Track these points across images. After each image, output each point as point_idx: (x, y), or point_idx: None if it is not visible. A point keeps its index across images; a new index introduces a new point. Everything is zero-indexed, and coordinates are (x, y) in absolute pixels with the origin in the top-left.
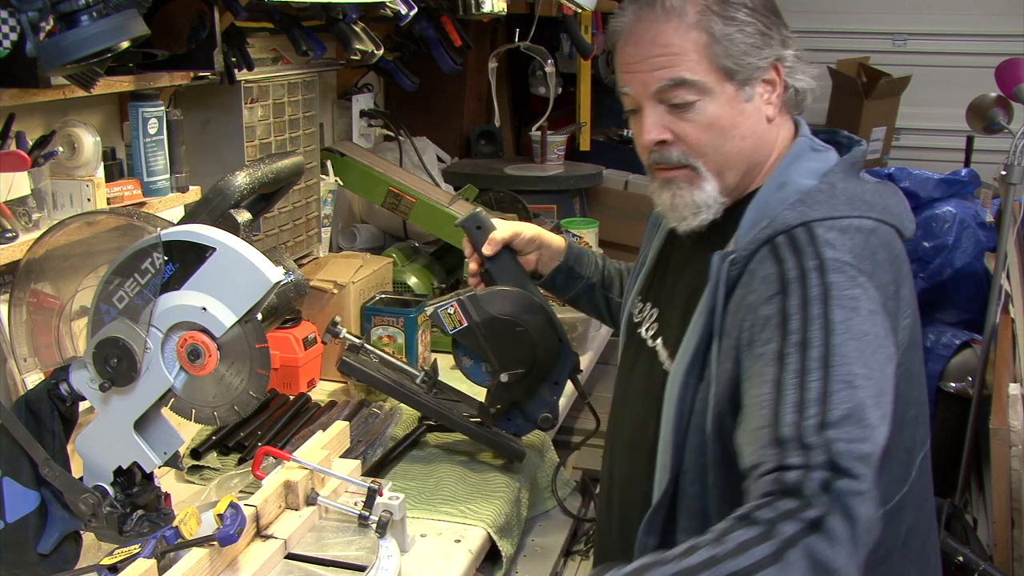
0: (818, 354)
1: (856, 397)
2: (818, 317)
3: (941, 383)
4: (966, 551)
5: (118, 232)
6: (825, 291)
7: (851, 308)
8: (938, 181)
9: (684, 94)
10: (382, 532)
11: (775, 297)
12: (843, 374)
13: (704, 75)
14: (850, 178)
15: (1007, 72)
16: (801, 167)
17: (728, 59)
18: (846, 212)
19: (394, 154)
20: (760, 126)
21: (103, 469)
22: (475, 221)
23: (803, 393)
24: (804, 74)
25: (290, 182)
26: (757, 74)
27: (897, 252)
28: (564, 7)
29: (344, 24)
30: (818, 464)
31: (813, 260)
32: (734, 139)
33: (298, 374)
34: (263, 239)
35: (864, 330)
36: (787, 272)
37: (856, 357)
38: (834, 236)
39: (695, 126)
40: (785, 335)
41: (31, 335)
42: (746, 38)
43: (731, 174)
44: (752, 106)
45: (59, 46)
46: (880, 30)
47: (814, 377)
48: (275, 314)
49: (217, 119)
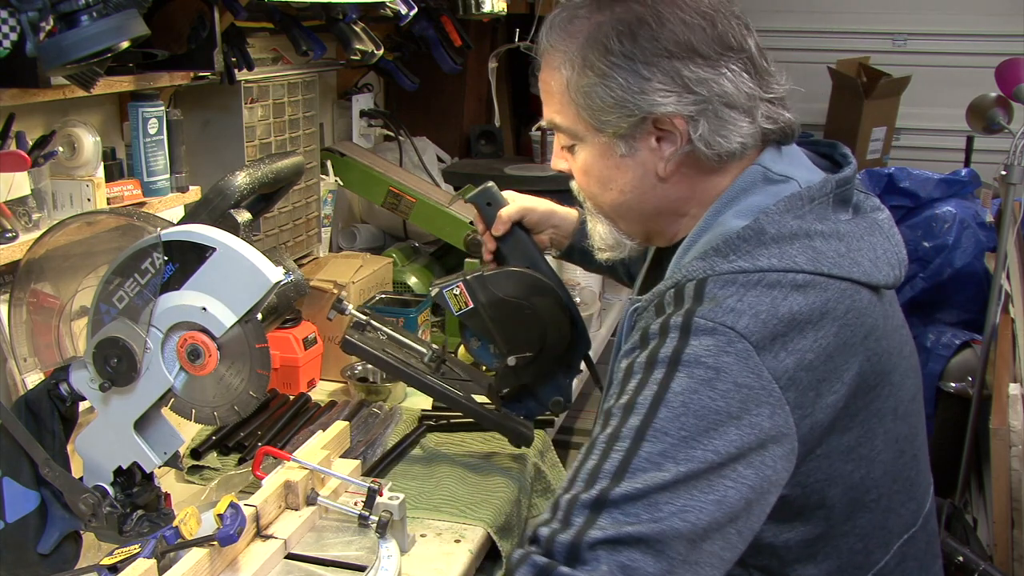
0: (636, 423)
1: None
2: (655, 383)
3: (941, 383)
4: (966, 551)
5: (118, 232)
6: (677, 353)
7: (702, 380)
8: (938, 181)
9: (561, 137)
10: (382, 532)
11: (633, 351)
12: (654, 452)
13: (572, 123)
14: (798, 217)
15: (1007, 72)
16: (741, 204)
17: (587, 112)
18: (765, 265)
19: (394, 154)
20: (646, 183)
21: (103, 469)
22: (485, 196)
23: (602, 462)
24: (726, 129)
25: (290, 182)
26: (627, 132)
27: (840, 312)
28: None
29: (344, 24)
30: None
31: (680, 317)
32: (611, 191)
33: (298, 374)
34: (263, 239)
35: (714, 408)
36: (652, 326)
37: (681, 436)
38: (731, 292)
39: (577, 167)
40: (620, 394)
41: (31, 335)
42: (605, 93)
43: (625, 224)
44: (633, 161)
45: (59, 46)
46: (880, 30)
47: (620, 447)
48: (275, 314)
49: (217, 119)
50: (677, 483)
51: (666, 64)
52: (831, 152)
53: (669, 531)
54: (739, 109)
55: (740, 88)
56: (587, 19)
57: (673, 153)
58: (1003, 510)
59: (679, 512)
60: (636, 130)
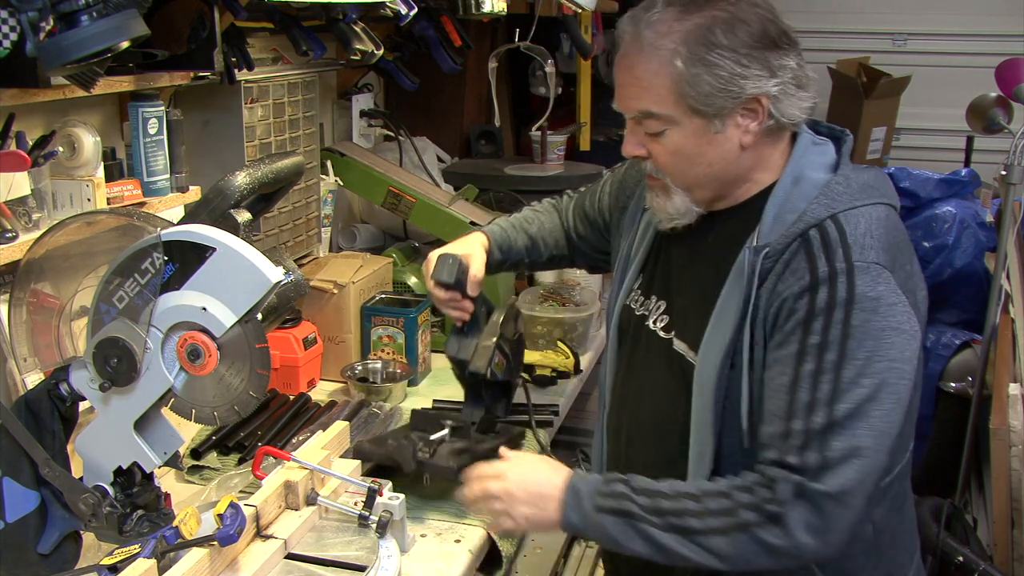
0: (833, 358)
1: (862, 396)
2: (839, 322)
3: (941, 383)
4: (966, 551)
5: (118, 232)
6: (850, 294)
7: (871, 309)
8: (938, 181)
9: (651, 124)
10: (382, 532)
11: (804, 294)
12: (852, 375)
13: (671, 109)
14: (856, 169)
15: (1007, 72)
16: (810, 161)
17: (693, 99)
18: (863, 200)
19: (394, 154)
20: (731, 154)
21: (103, 469)
22: (460, 270)
23: (815, 393)
24: (794, 104)
25: (290, 182)
26: (726, 112)
27: (902, 228)
28: (564, 7)
29: (344, 24)
30: (806, 467)
31: (842, 263)
32: (700, 166)
33: (298, 374)
34: (263, 239)
35: (881, 326)
36: (818, 270)
37: (866, 356)
38: (861, 230)
39: (663, 149)
40: (807, 334)
41: (31, 335)
42: (715, 80)
43: (702, 191)
44: (723, 136)
45: (59, 46)
46: (880, 30)
47: (827, 379)
48: (275, 314)
49: (217, 119)
50: (877, 392)
51: (758, 53)
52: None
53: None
54: (803, 88)
55: (804, 71)
56: (681, 20)
57: (757, 127)
58: (1003, 510)
59: (880, 416)
60: (735, 110)
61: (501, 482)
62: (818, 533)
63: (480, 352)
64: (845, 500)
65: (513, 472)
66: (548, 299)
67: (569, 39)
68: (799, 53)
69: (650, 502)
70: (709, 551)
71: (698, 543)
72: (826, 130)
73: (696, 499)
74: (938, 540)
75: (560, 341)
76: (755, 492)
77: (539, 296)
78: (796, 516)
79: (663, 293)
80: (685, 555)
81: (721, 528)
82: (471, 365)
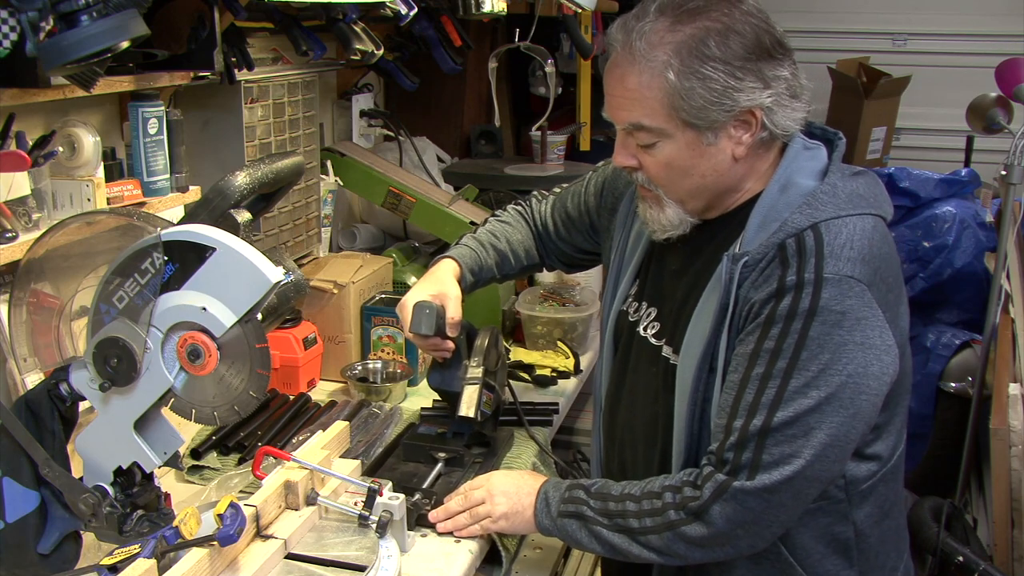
0: (783, 366)
1: (806, 406)
2: (795, 332)
3: (941, 383)
4: (966, 551)
5: (118, 232)
6: (813, 306)
7: (834, 323)
8: (938, 181)
9: (643, 136)
10: (382, 532)
11: (770, 300)
12: (800, 384)
13: (663, 122)
14: (846, 177)
15: (1007, 72)
16: (799, 167)
17: (686, 112)
18: (849, 211)
19: (394, 154)
20: (723, 165)
21: (103, 469)
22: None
23: (759, 397)
24: (787, 116)
25: (290, 182)
26: (719, 124)
27: (890, 241)
28: (564, 7)
29: (344, 24)
30: (737, 465)
31: (811, 273)
32: (692, 178)
33: (298, 374)
34: (263, 239)
35: (843, 340)
36: (786, 279)
37: (819, 369)
38: (840, 241)
39: (655, 162)
40: (763, 339)
41: (31, 335)
42: (708, 93)
43: (694, 203)
44: (716, 148)
45: (59, 46)
46: (880, 30)
47: (773, 385)
48: (275, 314)
49: (217, 119)
50: (821, 405)
51: (752, 65)
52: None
53: (817, 442)
54: (797, 97)
55: (798, 80)
56: (674, 30)
57: (750, 138)
58: (1003, 510)
59: (822, 427)
60: (728, 122)
61: (483, 489)
62: (741, 526)
63: (467, 399)
64: (768, 497)
65: (493, 479)
66: (548, 299)
67: (569, 39)
68: (793, 62)
69: (601, 505)
70: (647, 548)
71: (639, 541)
72: (819, 132)
73: (636, 500)
74: (938, 540)
75: (560, 341)
76: (683, 491)
77: (539, 296)
78: (717, 510)
79: (654, 300)
80: (631, 552)
81: (653, 527)
82: (460, 411)
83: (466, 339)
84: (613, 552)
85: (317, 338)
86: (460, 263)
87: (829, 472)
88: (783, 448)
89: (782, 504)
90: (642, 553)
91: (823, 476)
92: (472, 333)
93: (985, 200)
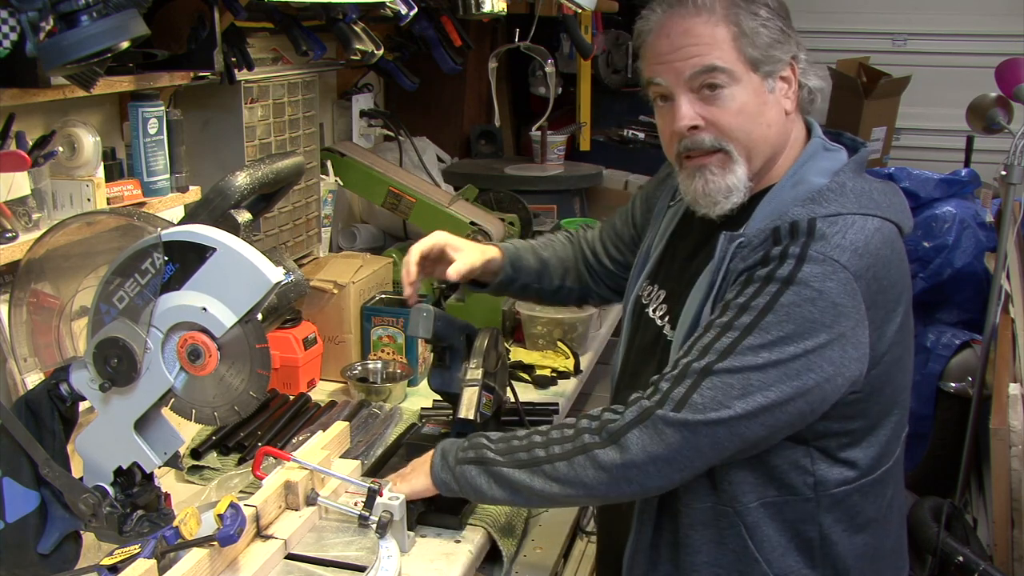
0: (746, 321)
1: (751, 363)
2: (768, 294)
3: (941, 383)
4: (966, 551)
5: (118, 232)
6: (791, 275)
7: (807, 299)
8: (938, 181)
9: (716, 78)
10: (382, 532)
11: (755, 267)
12: (755, 343)
13: (733, 63)
14: (858, 177)
15: (1007, 72)
16: (815, 166)
17: (755, 50)
18: (853, 209)
19: (394, 154)
20: (781, 117)
21: (103, 469)
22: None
23: (713, 342)
24: (815, 75)
25: (290, 182)
26: (778, 68)
27: (899, 249)
28: (564, 7)
29: (344, 24)
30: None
31: (797, 248)
32: (761, 125)
33: (298, 374)
34: (263, 239)
35: (812, 318)
36: (771, 251)
37: (779, 336)
38: (835, 230)
39: (726, 111)
40: (737, 295)
41: (31, 335)
42: (769, 33)
43: (757, 159)
44: (774, 98)
45: (59, 46)
46: (880, 30)
47: (730, 336)
48: (275, 314)
49: (217, 119)
50: (767, 367)
51: (784, 22)
52: (838, 139)
53: (753, 402)
54: (810, 61)
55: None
56: None
57: (793, 92)
58: (1003, 510)
59: (762, 389)
60: (782, 69)
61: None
62: (654, 461)
63: (467, 401)
64: (687, 435)
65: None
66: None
67: (569, 39)
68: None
69: (504, 446)
70: (550, 478)
71: (543, 472)
72: (849, 141)
73: (544, 434)
74: (938, 540)
75: (560, 341)
76: (601, 417)
77: None
78: (635, 436)
79: (664, 283)
80: (532, 488)
81: (562, 454)
82: (460, 413)
83: (466, 340)
84: (513, 495)
85: (317, 338)
86: (504, 252)
87: (755, 435)
88: (716, 394)
89: (698, 448)
90: (544, 487)
91: (748, 437)
92: (472, 334)
93: (985, 200)
